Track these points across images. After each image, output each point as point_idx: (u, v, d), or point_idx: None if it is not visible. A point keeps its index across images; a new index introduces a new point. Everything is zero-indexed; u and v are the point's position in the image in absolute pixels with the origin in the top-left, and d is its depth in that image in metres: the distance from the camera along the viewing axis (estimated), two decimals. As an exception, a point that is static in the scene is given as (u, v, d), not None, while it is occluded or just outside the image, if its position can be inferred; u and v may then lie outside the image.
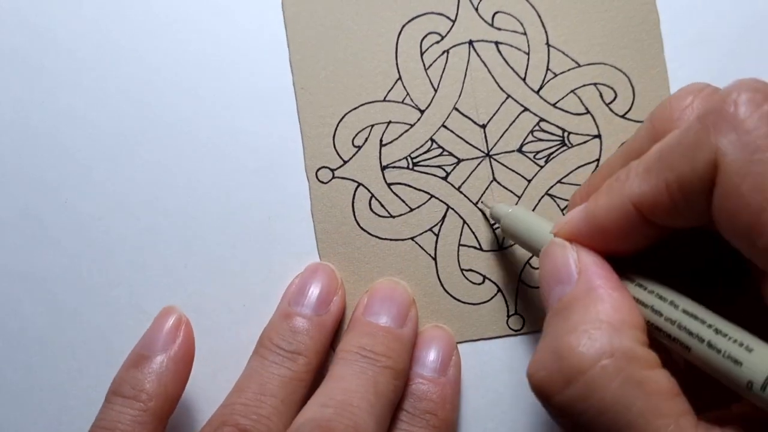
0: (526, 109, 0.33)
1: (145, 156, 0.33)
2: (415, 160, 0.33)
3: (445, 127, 0.33)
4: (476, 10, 0.34)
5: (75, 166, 0.33)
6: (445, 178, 0.33)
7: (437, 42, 0.34)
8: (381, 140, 0.34)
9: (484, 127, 0.33)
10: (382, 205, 0.33)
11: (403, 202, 0.33)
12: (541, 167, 0.33)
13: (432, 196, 0.33)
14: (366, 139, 0.34)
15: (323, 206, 0.33)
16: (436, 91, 0.33)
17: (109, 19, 0.34)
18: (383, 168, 0.34)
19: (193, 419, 0.33)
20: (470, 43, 0.34)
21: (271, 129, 0.34)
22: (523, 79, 0.33)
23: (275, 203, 0.33)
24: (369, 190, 0.33)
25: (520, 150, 0.33)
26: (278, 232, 0.33)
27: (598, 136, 0.33)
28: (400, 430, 0.30)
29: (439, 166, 0.33)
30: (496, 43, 0.34)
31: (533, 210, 0.33)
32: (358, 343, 0.30)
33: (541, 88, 0.33)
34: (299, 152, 0.34)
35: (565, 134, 0.33)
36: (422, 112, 0.33)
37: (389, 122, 0.34)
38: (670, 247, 0.25)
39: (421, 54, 0.34)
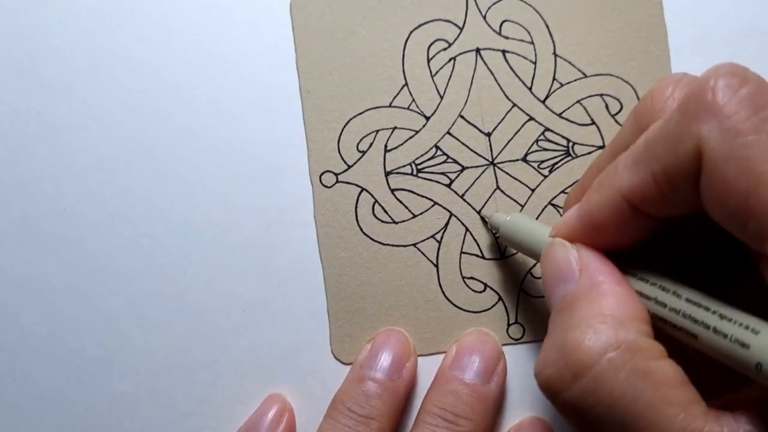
0: (531, 119, 0.33)
1: (147, 163, 0.33)
2: (419, 167, 0.33)
3: (450, 134, 0.33)
4: (484, 18, 0.34)
5: (73, 174, 0.33)
6: (448, 186, 0.33)
7: (444, 49, 0.33)
8: (386, 146, 0.33)
9: (489, 135, 0.33)
10: (385, 211, 0.33)
11: (407, 208, 0.33)
12: (545, 177, 0.33)
13: (435, 203, 0.33)
14: (371, 145, 0.33)
15: (326, 210, 0.33)
16: (442, 98, 0.33)
17: (106, 27, 0.33)
18: (387, 174, 0.33)
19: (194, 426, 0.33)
20: (477, 51, 0.34)
21: (274, 133, 0.33)
22: (530, 89, 0.33)
23: (275, 208, 0.33)
24: (372, 196, 0.33)
25: (524, 159, 0.33)
26: (278, 238, 0.33)
27: (603, 147, 0.33)
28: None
29: (443, 173, 0.33)
30: (503, 52, 0.34)
31: (537, 217, 0.33)
32: (440, 403, 0.30)
33: (547, 97, 0.33)
34: (301, 157, 0.33)
35: (570, 144, 0.33)
36: (428, 118, 0.33)
37: (394, 128, 0.33)
38: (669, 238, 0.26)
39: (428, 60, 0.33)
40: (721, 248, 0.26)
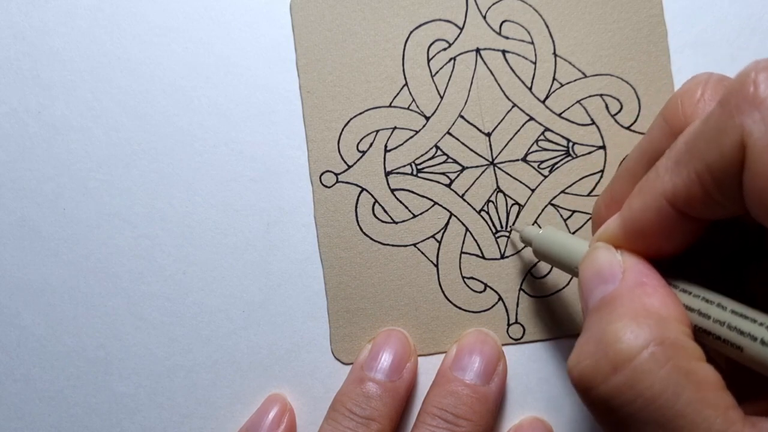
0: (531, 119, 0.33)
1: (147, 163, 0.33)
2: (419, 167, 0.33)
3: (450, 134, 0.33)
4: (484, 18, 0.33)
5: (73, 175, 0.33)
6: (449, 186, 0.33)
7: (444, 49, 0.33)
8: (386, 146, 0.33)
9: (489, 135, 0.33)
10: (385, 211, 0.33)
11: (407, 208, 0.33)
12: (545, 177, 0.33)
13: (435, 203, 0.33)
14: (371, 145, 0.33)
15: (326, 210, 0.33)
16: (442, 98, 0.33)
17: (106, 28, 0.33)
18: (387, 174, 0.33)
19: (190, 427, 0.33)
20: (477, 51, 0.33)
21: (274, 134, 0.33)
22: (530, 89, 0.33)
23: (275, 209, 0.33)
24: (372, 196, 0.33)
25: (524, 159, 0.33)
26: (278, 239, 0.33)
27: (603, 147, 0.33)
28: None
29: (443, 173, 0.33)
30: (503, 52, 0.34)
31: (536, 219, 0.33)
32: (441, 404, 0.30)
33: (547, 97, 0.33)
34: (301, 157, 0.33)
35: (570, 144, 0.33)
36: (428, 118, 0.33)
37: (394, 128, 0.33)
38: (712, 245, 0.25)
39: (428, 60, 0.33)
40: (743, 252, 0.25)
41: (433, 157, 0.33)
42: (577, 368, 0.23)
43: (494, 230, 0.33)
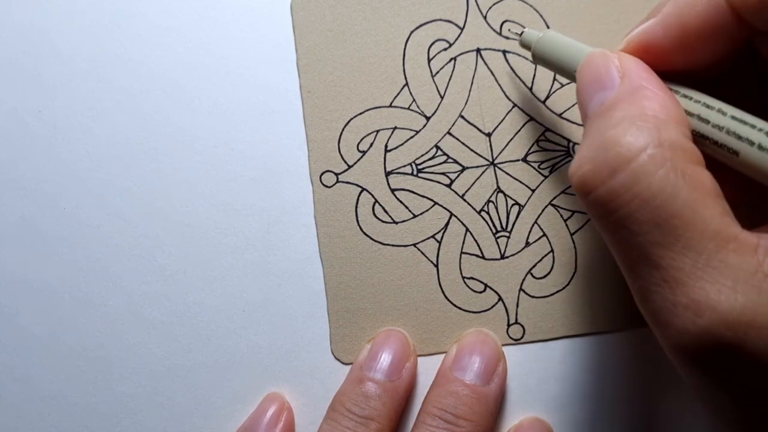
0: (531, 119, 0.33)
1: (147, 163, 0.33)
2: (419, 167, 0.33)
3: (451, 134, 0.33)
4: (485, 18, 0.33)
5: (73, 174, 0.33)
6: (449, 186, 0.33)
7: (445, 49, 0.33)
8: (386, 146, 0.33)
9: (489, 135, 0.33)
10: (386, 211, 0.33)
11: (407, 208, 0.33)
12: (546, 177, 0.33)
13: (435, 203, 0.33)
14: (371, 145, 0.33)
15: (326, 210, 0.33)
16: (442, 98, 0.33)
17: (106, 27, 0.33)
18: (387, 173, 0.33)
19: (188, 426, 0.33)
20: (478, 51, 0.34)
21: (274, 133, 0.33)
22: (530, 89, 0.33)
23: (276, 209, 0.33)
24: (373, 196, 0.33)
25: (524, 159, 0.33)
26: (278, 238, 0.33)
27: (603, 147, 0.33)
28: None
29: (443, 174, 0.33)
30: (504, 52, 0.34)
31: (536, 219, 0.33)
32: (441, 404, 0.30)
33: (547, 98, 0.33)
34: (301, 157, 0.33)
35: (571, 145, 0.33)
36: (428, 118, 0.33)
37: (395, 128, 0.33)
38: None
39: (429, 61, 0.33)
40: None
41: (433, 157, 0.33)
42: (577, 174, 0.22)
43: (494, 230, 0.33)
